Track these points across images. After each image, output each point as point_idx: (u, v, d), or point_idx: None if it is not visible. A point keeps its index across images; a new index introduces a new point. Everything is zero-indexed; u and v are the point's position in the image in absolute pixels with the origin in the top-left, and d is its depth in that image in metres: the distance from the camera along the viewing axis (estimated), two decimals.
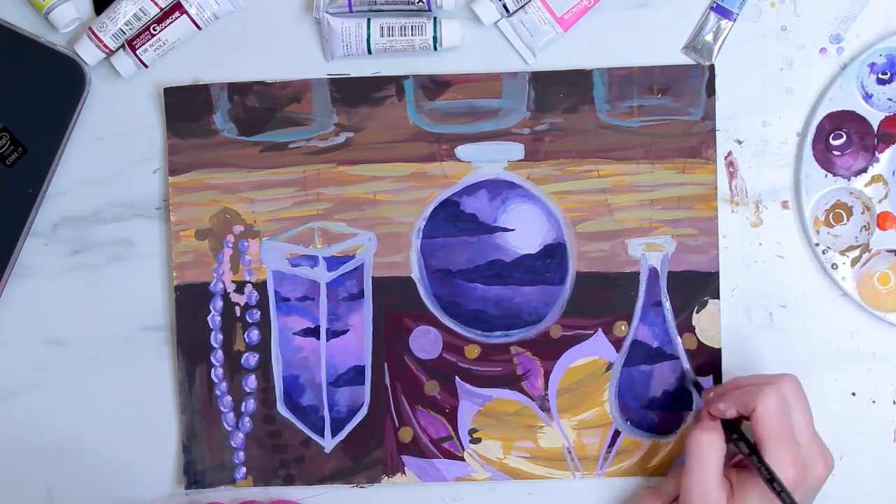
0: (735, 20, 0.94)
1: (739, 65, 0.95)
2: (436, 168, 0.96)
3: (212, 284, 0.96)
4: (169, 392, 0.98)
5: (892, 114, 0.94)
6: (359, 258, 0.96)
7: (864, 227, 0.95)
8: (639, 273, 0.95)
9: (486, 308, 0.96)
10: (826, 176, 0.94)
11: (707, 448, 0.86)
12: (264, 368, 0.97)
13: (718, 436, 0.86)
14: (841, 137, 0.94)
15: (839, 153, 0.94)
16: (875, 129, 0.94)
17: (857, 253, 0.94)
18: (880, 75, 0.94)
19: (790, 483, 0.83)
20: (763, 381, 0.86)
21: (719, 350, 0.95)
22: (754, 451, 0.84)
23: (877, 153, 0.94)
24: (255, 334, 0.97)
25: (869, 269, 0.94)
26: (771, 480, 0.82)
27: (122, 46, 0.95)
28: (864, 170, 0.94)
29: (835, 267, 0.94)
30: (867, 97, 0.94)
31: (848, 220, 0.95)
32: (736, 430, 0.87)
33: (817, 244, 0.94)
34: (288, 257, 0.96)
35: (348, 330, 0.96)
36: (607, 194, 0.95)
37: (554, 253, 0.95)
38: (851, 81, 0.94)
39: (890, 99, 0.94)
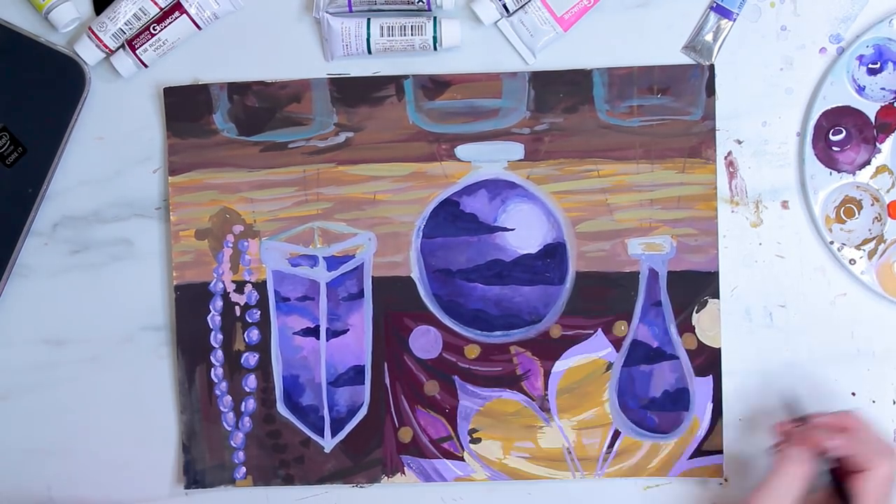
0: (735, 20, 0.94)
1: (739, 65, 0.95)
2: (436, 168, 0.96)
3: (211, 284, 0.97)
4: (169, 392, 0.98)
5: (887, 103, 0.94)
6: (358, 258, 0.96)
7: (876, 218, 0.94)
8: (638, 273, 0.95)
9: (485, 308, 0.95)
10: (831, 173, 0.94)
11: (794, 479, 0.86)
12: (264, 368, 0.97)
13: (808, 469, 0.86)
14: (840, 133, 0.94)
15: (840, 149, 0.94)
16: (873, 120, 0.94)
17: (872, 245, 0.94)
18: (870, 66, 0.94)
19: None
20: (841, 424, 0.87)
21: (719, 350, 0.95)
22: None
23: (878, 144, 0.94)
24: (254, 334, 0.97)
25: (887, 259, 0.94)
26: None
27: (122, 46, 0.95)
28: (868, 162, 0.94)
29: (852, 262, 0.94)
30: (860, 90, 0.94)
31: (859, 213, 0.95)
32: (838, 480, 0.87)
33: (832, 242, 0.94)
34: (288, 257, 0.96)
35: (348, 330, 0.96)
36: (607, 194, 0.95)
37: (554, 253, 0.95)
38: (842, 76, 0.93)
39: (883, 88, 0.94)
